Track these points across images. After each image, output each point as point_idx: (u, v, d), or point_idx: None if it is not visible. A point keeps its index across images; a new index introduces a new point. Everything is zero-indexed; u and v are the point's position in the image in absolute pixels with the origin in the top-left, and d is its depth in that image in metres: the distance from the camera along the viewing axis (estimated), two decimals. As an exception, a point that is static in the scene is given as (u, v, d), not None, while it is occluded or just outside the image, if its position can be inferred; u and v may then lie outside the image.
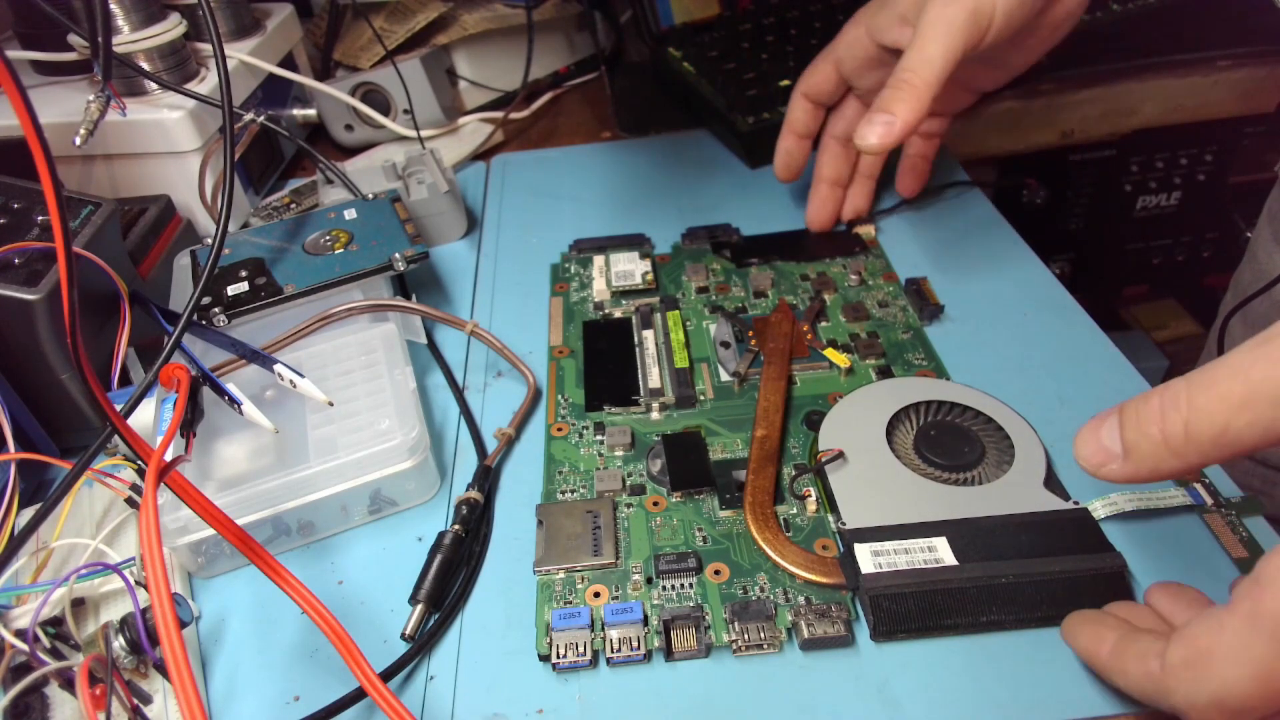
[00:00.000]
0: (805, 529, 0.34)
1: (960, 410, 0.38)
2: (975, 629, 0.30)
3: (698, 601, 0.32)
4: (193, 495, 0.27)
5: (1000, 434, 0.36)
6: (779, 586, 0.32)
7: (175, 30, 0.52)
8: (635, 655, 0.30)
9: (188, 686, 0.22)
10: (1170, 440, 0.24)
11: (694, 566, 0.33)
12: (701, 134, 0.64)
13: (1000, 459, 0.35)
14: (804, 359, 0.42)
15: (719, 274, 0.49)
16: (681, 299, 0.47)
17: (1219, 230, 0.86)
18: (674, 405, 0.40)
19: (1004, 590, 0.30)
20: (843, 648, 0.30)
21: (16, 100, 0.20)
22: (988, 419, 0.37)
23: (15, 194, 0.41)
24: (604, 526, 0.34)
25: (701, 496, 0.36)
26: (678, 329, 0.44)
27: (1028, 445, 0.35)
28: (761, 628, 0.30)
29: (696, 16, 0.68)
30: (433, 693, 0.31)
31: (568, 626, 0.31)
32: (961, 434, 0.36)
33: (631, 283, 0.48)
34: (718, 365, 0.43)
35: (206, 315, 0.41)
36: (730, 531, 0.34)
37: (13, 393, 0.37)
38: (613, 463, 0.38)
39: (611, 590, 0.32)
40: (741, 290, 0.47)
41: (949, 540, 0.32)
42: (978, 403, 0.37)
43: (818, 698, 0.29)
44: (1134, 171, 0.81)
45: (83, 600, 0.33)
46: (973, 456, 0.35)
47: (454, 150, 0.64)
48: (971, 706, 0.28)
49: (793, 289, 0.47)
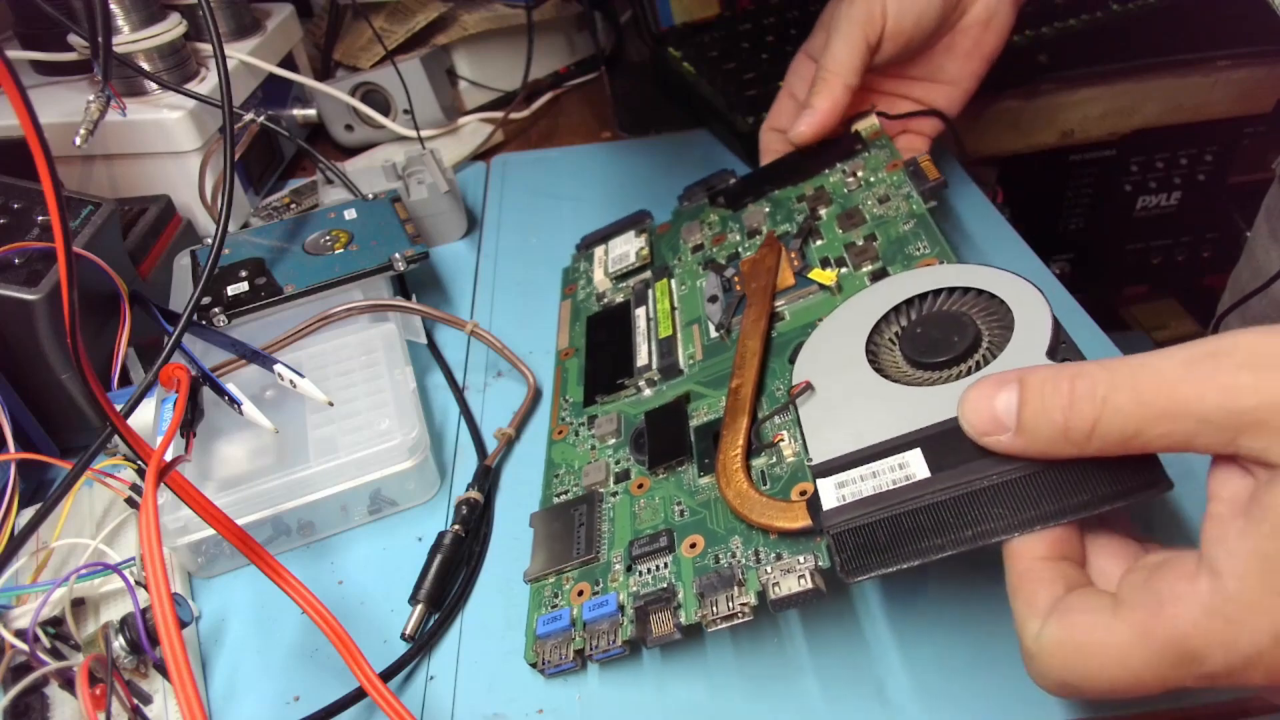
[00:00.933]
0: (783, 477, 0.30)
1: (958, 294, 0.32)
2: (959, 545, 0.25)
3: (670, 581, 0.29)
4: (193, 495, 0.27)
5: (1001, 308, 0.30)
6: (752, 547, 0.29)
7: (175, 30, 0.52)
8: (614, 649, 0.29)
9: (188, 686, 0.22)
10: (1072, 433, 0.22)
11: (666, 545, 0.31)
12: (701, 134, 0.64)
13: (1000, 339, 0.29)
14: (790, 289, 0.38)
15: (715, 225, 0.46)
16: (678, 264, 0.45)
17: (1219, 230, 0.86)
18: (660, 379, 0.39)
19: (985, 496, 0.25)
20: (816, 602, 0.27)
21: (16, 100, 0.20)
22: (989, 296, 0.31)
23: (15, 194, 0.41)
24: (587, 522, 0.34)
25: (683, 468, 0.34)
26: (664, 298, 0.42)
27: (1029, 312, 0.29)
28: (729, 597, 0.28)
29: (696, 16, 0.68)
30: (433, 693, 0.31)
31: (550, 632, 0.30)
32: (952, 321, 0.30)
33: (627, 264, 0.46)
34: (707, 323, 0.40)
35: (206, 315, 0.41)
36: (708, 499, 0.32)
37: (13, 393, 0.37)
38: (604, 453, 0.37)
39: (594, 586, 0.31)
40: (737, 234, 0.44)
41: (923, 451, 0.27)
42: (970, 279, 0.31)
43: (822, 705, 0.29)
44: (1134, 171, 0.81)
45: (83, 600, 0.33)
46: (964, 344, 0.29)
47: (454, 150, 0.64)
48: (970, 705, 0.28)
49: (789, 216, 0.43)
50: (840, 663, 0.30)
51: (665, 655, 0.31)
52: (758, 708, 0.29)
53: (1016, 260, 0.49)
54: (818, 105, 0.44)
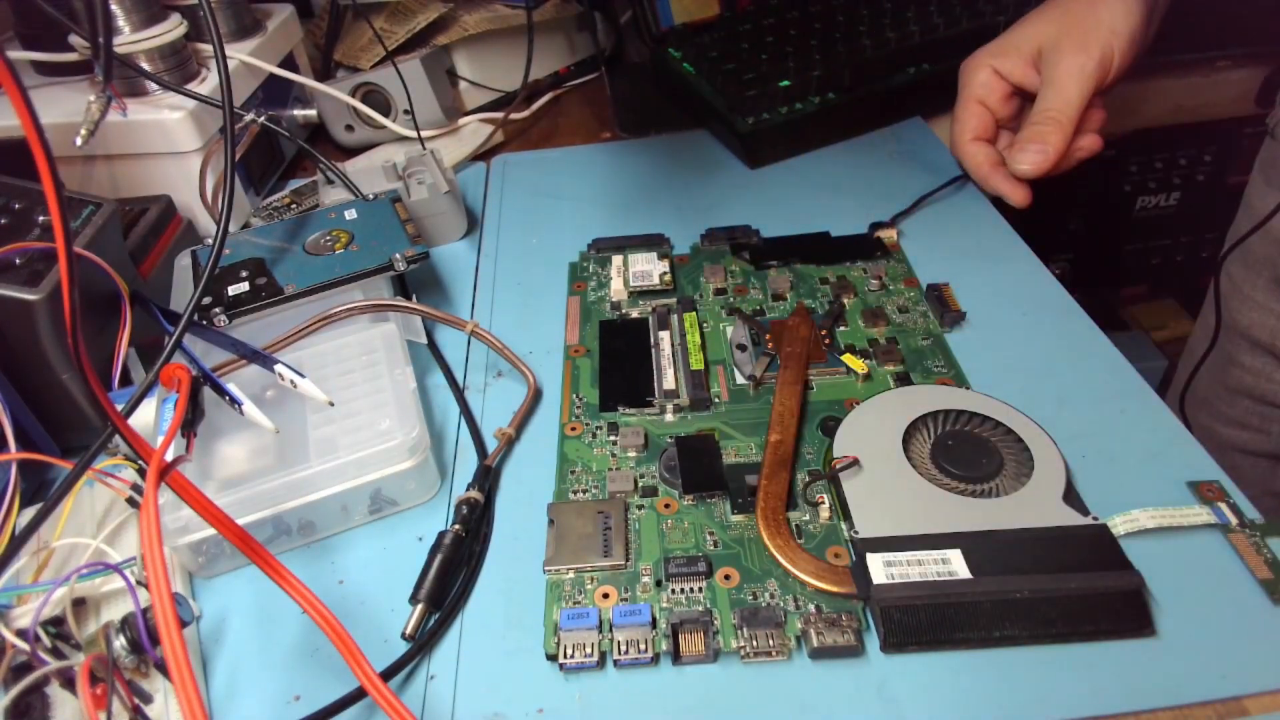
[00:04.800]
0: (818, 536, 0.34)
1: (980, 420, 0.37)
2: (987, 644, 0.30)
3: (706, 606, 0.31)
4: (193, 495, 0.27)
5: (1019, 445, 0.36)
6: (789, 593, 0.32)
7: (176, 31, 0.52)
8: (642, 658, 0.30)
9: (188, 686, 0.22)
10: None
11: (704, 570, 0.32)
12: (701, 134, 0.64)
13: (1019, 471, 0.35)
14: (821, 364, 0.42)
15: (737, 276, 0.49)
16: (699, 300, 0.47)
17: (1218, 230, 0.86)
18: (688, 407, 0.40)
19: (1018, 606, 0.30)
20: (852, 657, 0.30)
21: (17, 100, 0.20)
22: (1007, 429, 0.36)
23: (16, 194, 0.41)
24: (615, 527, 0.34)
25: (713, 500, 0.36)
26: (694, 331, 0.44)
27: (1047, 458, 0.35)
28: (770, 634, 0.30)
29: (696, 17, 0.68)
30: (433, 692, 0.31)
31: (576, 627, 0.31)
32: (980, 444, 0.36)
33: (649, 283, 0.48)
34: (733, 368, 0.42)
35: (207, 315, 0.41)
36: (741, 536, 0.34)
37: (14, 393, 0.37)
38: (625, 463, 0.38)
39: (620, 592, 0.32)
40: (760, 293, 0.47)
41: (964, 553, 0.31)
42: (997, 413, 0.37)
43: (821, 705, 0.29)
44: (1134, 171, 0.81)
45: (84, 600, 0.33)
46: (990, 468, 0.35)
47: (454, 150, 0.64)
48: (970, 705, 0.28)
49: (811, 292, 0.47)
50: (840, 662, 0.30)
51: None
52: (758, 708, 0.29)
53: (1016, 260, 0.49)
54: (1053, 144, 0.47)
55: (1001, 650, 0.30)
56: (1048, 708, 0.28)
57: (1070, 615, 0.30)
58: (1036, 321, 0.44)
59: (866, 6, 0.66)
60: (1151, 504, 0.33)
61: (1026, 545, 0.31)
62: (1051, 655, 0.30)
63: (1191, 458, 0.36)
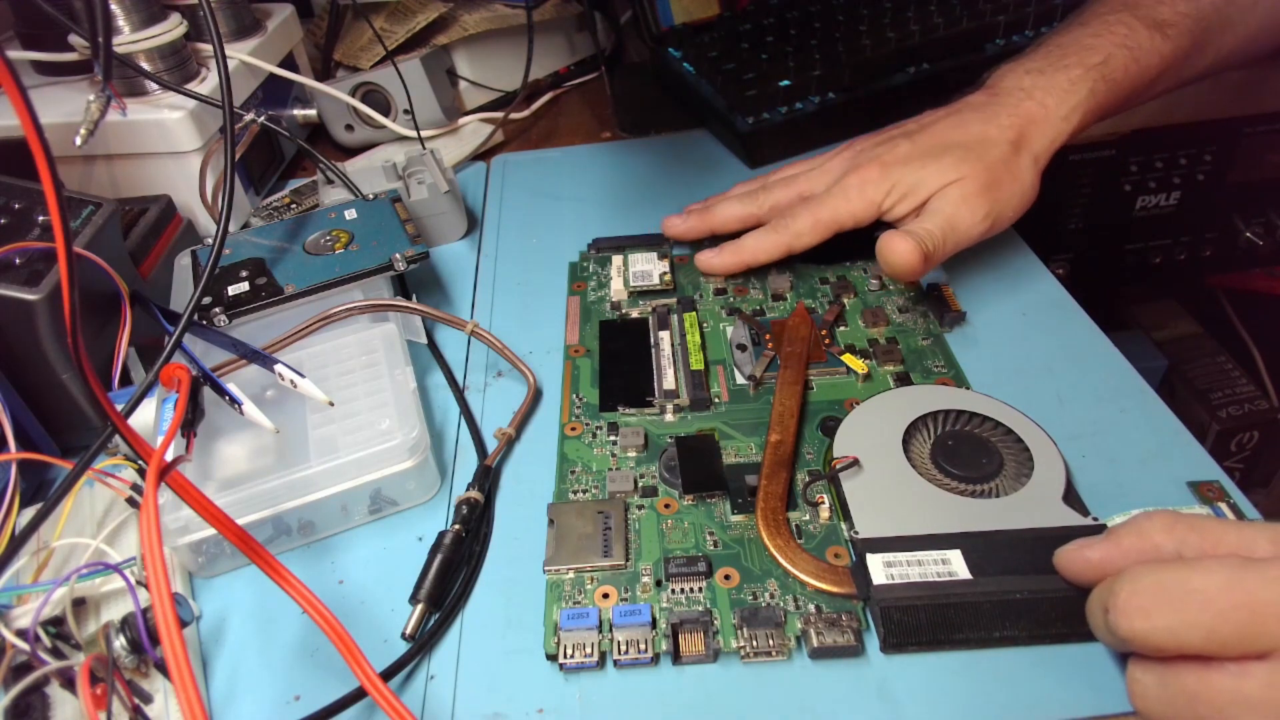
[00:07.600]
0: (818, 536, 0.34)
1: (980, 420, 0.37)
2: (987, 644, 0.30)
3: (706, 606, 0.31)
4: (193, 495, 0.27)
5: (1019, 446, 0.36)
6: (789, 593, 0.32)
7: (176, 30, 0.52)
8: (642, 658, 0.30)
9: (188, 686, 0.22)
10: None
11: (704, 570, 0.32)
12: (701, 134, 0.64)
13: (1019, 471, 0.35)
14: (821, 364, 0.42)
15: (737, 276, 0.49)
16: (699, 300, 0.47)
17: (1219, 230, 0.86)
18: (688, 407, 0.40)
19: (1018, 606, 0.30)
20: (852, 657, 0.30)
21: (17, 100, 0.20)
22: (1007, 430, 0.36)
23: (16, 194, 0.41)
24: (615, 528, 0.34)
25: (713, 500, 0.36)
26: (694, 331, 0.44)
27: (1048, 458, 0.35)
28: (770, 634, 0.30)
29: (696, 16, 0.68)
30: (433, 692, 0.31)
31: (576, 627, 0.31)
32: (980, 445, 0.36)
33: (649, 283, 0.48)
34: (733, 368, 0.42)
35: (207, 315, 0.41)
36: (741, 536, 0.34)
37: (13, 392, 0.37)
38: (625, 463, 0.38)
39: (620, 592, 0.32)
40: (760, 293, 0.47)
41: (964, 553, 0.31)
42: (997, 413, 0.37)
43: (821, 705, 0.29)
44: (1134, 171, 0.81)
45: (84, 600, 0.33)
46: (990, 468, 0.35)
47: (454, 150, 0.64)
48: (971, 705, 0.28)
49: (811, 292, 0.47)
50: (840, 662, 0.30)
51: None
52: (758, 708, 0.29)
53: (1017, 260, 0.49)
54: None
55: (1001, 650, 0.30)
56: (1048, 708, 0.28)
57: (1070, 615, 0.30)
58: (1036, 321, 0.44)
59: (866, 6, 0.66)
60: (1151, 504, 0.33)
61: (1026, 546, 0.31)
62: (1052, 655, 0.30)
63: (1191, 458, 0.36)
